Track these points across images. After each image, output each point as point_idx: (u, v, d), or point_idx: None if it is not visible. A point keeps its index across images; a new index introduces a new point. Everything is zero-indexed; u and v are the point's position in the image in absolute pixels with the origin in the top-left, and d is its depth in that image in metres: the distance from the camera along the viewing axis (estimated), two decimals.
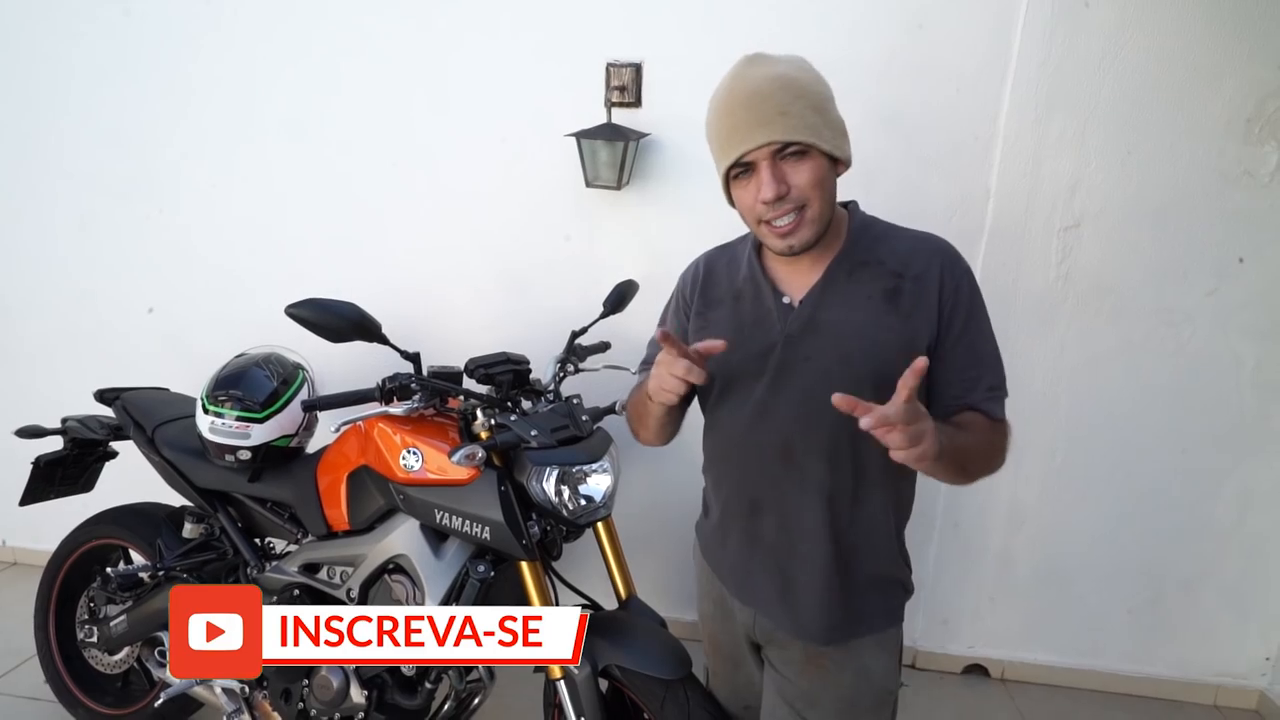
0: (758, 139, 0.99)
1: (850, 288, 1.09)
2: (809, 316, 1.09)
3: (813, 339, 1.08)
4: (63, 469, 1.96)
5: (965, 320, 1.08)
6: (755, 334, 1.13)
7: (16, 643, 2.27)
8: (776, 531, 1.16)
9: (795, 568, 1.15)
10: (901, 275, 1.08)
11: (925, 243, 1.12)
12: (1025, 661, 2.35)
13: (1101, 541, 2.22)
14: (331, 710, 1.60)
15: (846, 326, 1.07)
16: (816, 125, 1.01)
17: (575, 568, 1.60)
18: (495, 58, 2.14)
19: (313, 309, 1.33)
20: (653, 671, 1.36)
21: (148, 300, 2.52)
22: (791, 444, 1.11)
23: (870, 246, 1.11)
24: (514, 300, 2.32)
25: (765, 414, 1.12)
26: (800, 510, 1.13)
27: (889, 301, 1.07)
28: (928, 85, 1.99)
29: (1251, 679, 2.27)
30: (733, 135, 1.02)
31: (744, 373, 1.13)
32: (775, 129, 0.98)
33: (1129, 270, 2.03)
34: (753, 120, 0.99)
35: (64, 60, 2.37)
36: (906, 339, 1.06)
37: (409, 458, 1.47)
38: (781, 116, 0.98)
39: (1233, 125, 1.91)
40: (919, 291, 1.07)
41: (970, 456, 1.05)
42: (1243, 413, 2.08)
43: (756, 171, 1.02)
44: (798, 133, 0.99)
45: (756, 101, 0.99)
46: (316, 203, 2.34)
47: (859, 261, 1.10)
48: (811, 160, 1.01)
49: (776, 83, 1.00)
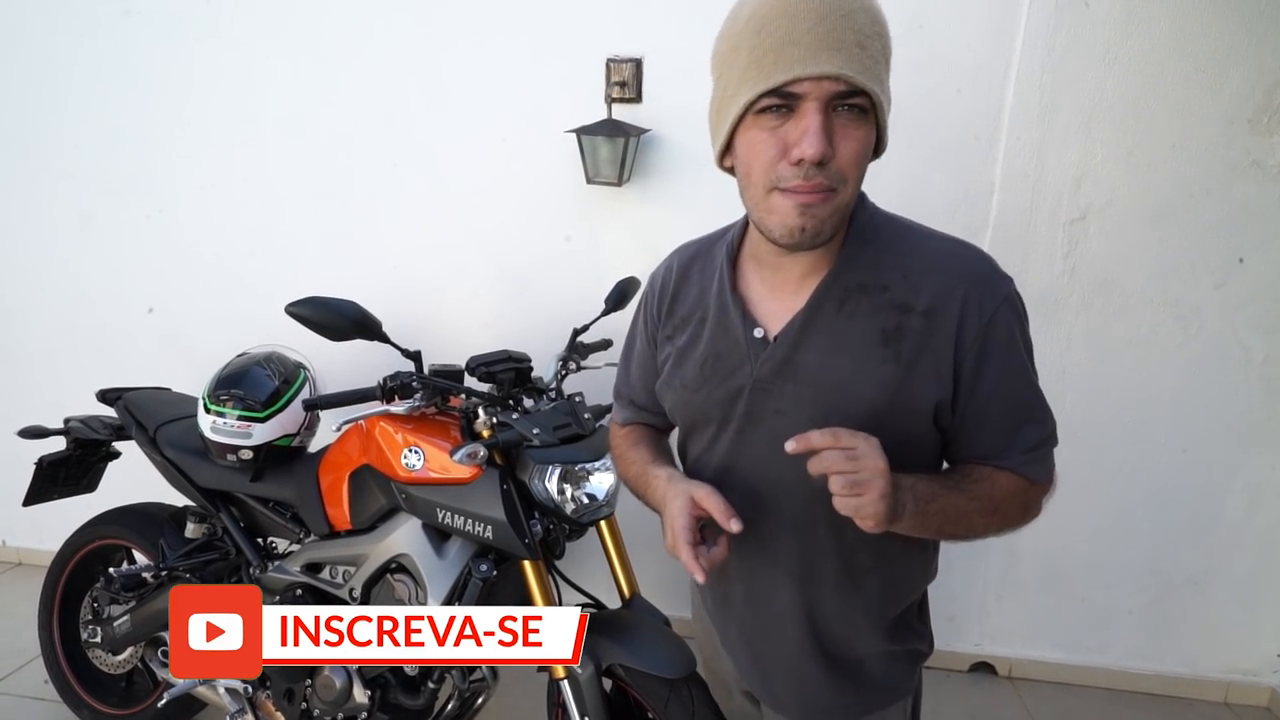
0: (825, 65, 0.70)
1: (840, 323, 0.84)
2: (784, 358, 0.85)
3: (786, 387, 0.85)
4: (66, 469, 1.97)
5: (997, 372, 0.82)
6: (719, 371, 0.90)
7: (21, 643, 2.27)
8: (743, 603, 0.98)
9: (766, 645, 0.98)
10: (909, 308, 0.81)
11: (951, 260, 0.84)
12: (1033, 659, 2.34)
13: (1109, 537, 2.20)
14: (334, 710, 1.60)
15: (829, 375, 0.83)
16: (885, 82, 0.76)
17: (578, 567, 1.60)
18: (495, 54, 2.13)
19: (313, 307, 1.33)
20: (656, 671, 1.35)
21: (148, 300, 2.52)
22: (758, 512, 0.88)
23: (874, 262, 0.84)
24: (515, 298, 2.31)
25: (730, 472, 0.91)
26: (769, 589, 0.94)
27: (887, 345, 0.81)
28: (930, 79, 1.97)
29: (1263, 675, 2.25)
30: (788, 48, 0.70)
31: (707, 418, 0.93)
32: (851, 62, 0.70)
33: (1135, 263, 2.01)
34: (823, 38, 0.70)
35: (64, 60, 2.37)
36: (905, 398, 0.82)
37: (411, 457, 1.46)
38: (860, 49, 0.71)
39: (1240, 116, 1.88)
40: (929, 331, 0.81)
41: (962, 522, 0.82)
42: (1251, 406, 2.06)
43: (799, 115, 0.73)
44: (872, 79, 0.72)
45: (834, 13, 0.70)
46: (316, 201, 2.34)
47: (856, 285, 0.84)
48: (866, 128, 0.76)
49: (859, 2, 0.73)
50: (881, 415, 0.81)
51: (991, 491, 0.85)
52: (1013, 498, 0.86)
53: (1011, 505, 0.86)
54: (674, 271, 1.01)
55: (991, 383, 0.83)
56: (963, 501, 0.82)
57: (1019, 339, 0.84)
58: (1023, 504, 0.88)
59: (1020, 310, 0.85)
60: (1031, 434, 0.87)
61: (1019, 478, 0.87)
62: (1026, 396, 0.87)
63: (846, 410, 0.81)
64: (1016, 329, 0.84)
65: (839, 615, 0.93)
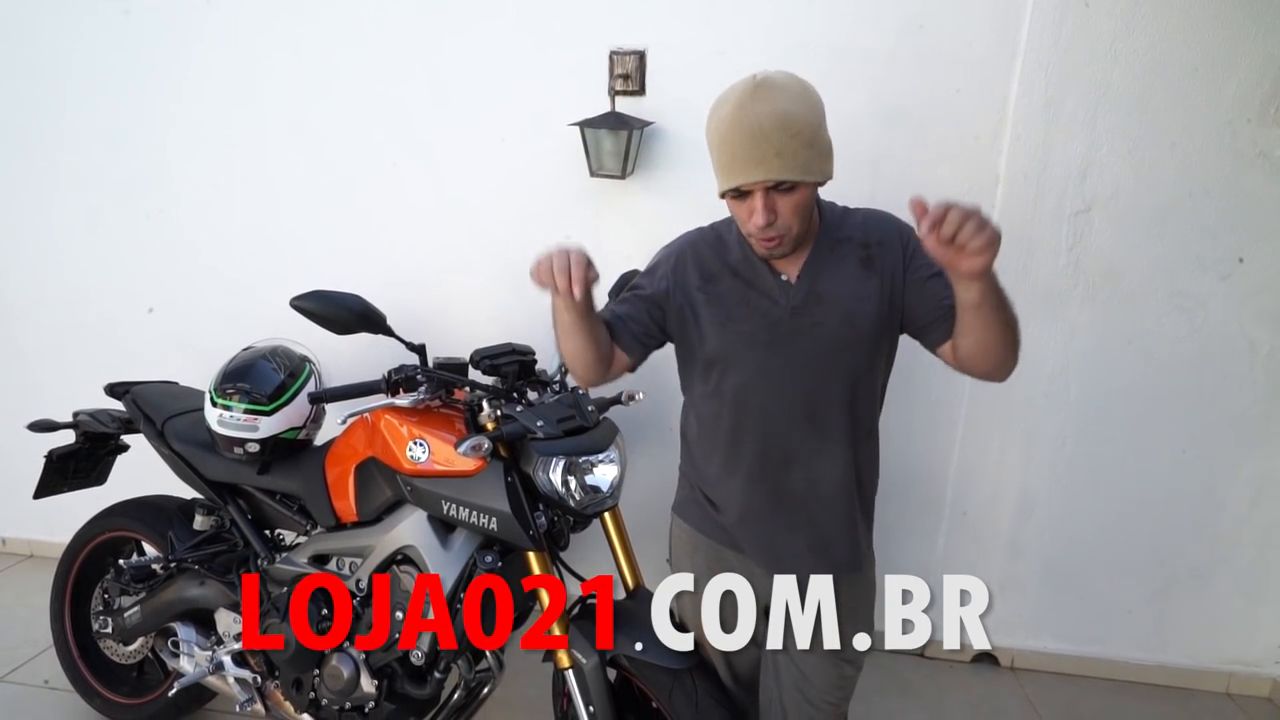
0: (754, 176, 1.10)
1: (834, 262, 1.24)
2: (808, 289, 1.23)
3: (816, 307, 1.22)
4: (75, 462, 1.98)
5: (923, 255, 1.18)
6: (761, 306, 1.24)
7: (34, 633, 2.30)
8: (805, 483, 1.28)
9: (828, 514, 1.28)
10: (869, 244, 1.24)
11: (875, 215, 1.30)
12: (1035, 650, 2.35)
13: (1112, 529, 2.21)
14: (342, 699, 1.62)
15: (841, 293, 1.22)
16: (807, 162, 1.11)
17: (583, 558, 1.61)
18: (498, 47, 2.13)
19: (317, 301, 1.34)
20: (660, 661, 1.36)
21: (150, 298, 2.54)
22: (814, 401, 1.25)
23: (839, 226, 1.26)
24: (519, 291, 2.30)
25: (787, 378, 1.25)
26: (829, 457, 1.27)
27: (866, 267, 1.23)
28: (935, 71, 1.96)
29: (1265, 667, 2.25)
30: (732, 165, 1.12)
31: (755, 343, 1.25)
32: (771, 168, 1.09)
33: (1140, 255, 2.01)
34: (751, 157, 1.09)
35: (64, 60, 2.38)
36: (887, 293, 1.23)
37: (416, 449, 1.47)
38: (778, 157, 1.09)
39: (1247, 106, 1.87)
40: (885, 254, 1.24)
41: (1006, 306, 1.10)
42: (1255, 398, 2.05)
43: (751, 198, 1.13)
44: (790, 172, 1.10)
45: (757, 140, 1.08)
46: (318, 196, 2.35)
47: (835, 240, 1.25)
48: (799, 193, 1.13)
49: (775, 120, 1.08)
50: (881, 312, 1.22)
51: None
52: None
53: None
54: (690, 246, 1.33)
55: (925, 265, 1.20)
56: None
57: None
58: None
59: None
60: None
61: None
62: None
63: (861, 311, 1.21)
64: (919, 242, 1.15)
65: (868, 461, 1.31)
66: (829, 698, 1.32)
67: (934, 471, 2.25)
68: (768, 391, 1.25)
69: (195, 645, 1.85)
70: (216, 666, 1.80)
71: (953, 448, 2.22)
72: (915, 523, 2.27)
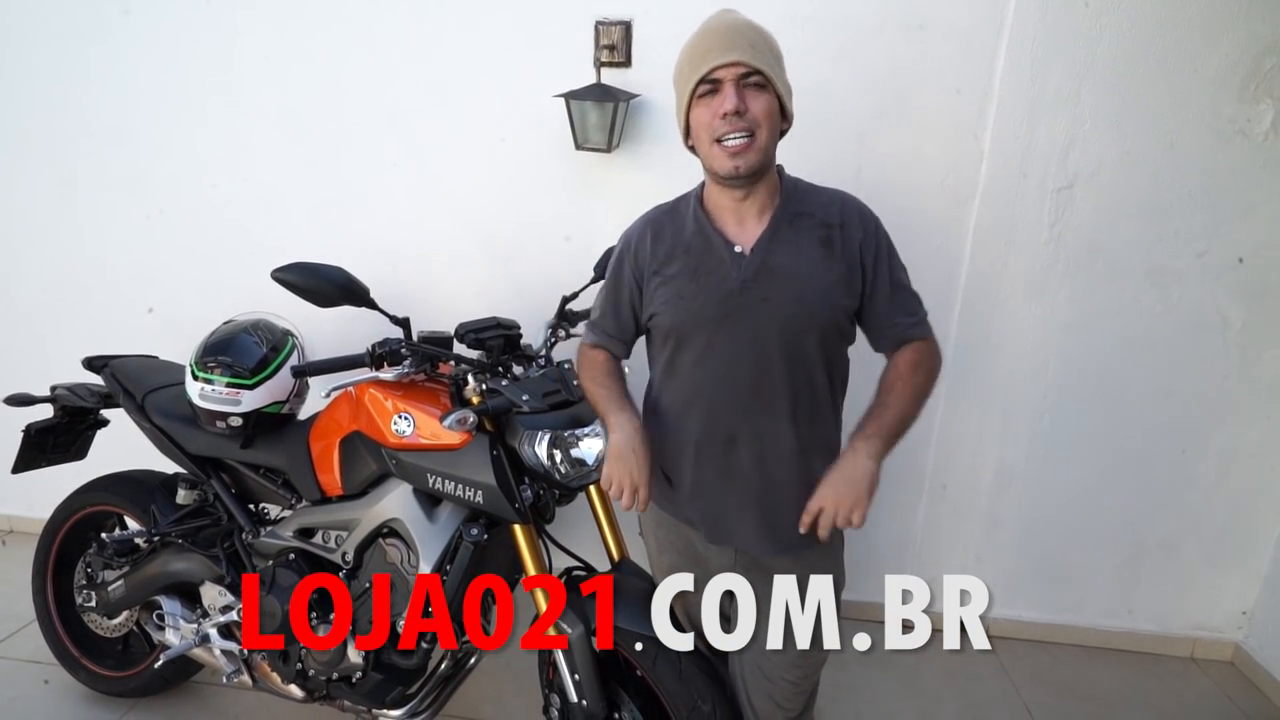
0: (729, 57, 1.13)
1: (793, 236, 1.22)
2: (761, 262, 1.21)
3: (768, 282, 1.20)
4: (54, 437, 1.96)
5: (886, 261, 1.25)
6: (711, 281, 1.22)
7: (16, 608, 2.29)
8: (751, 462, 1.26)
9: (776, 494, 1.26)
10: (831, 225, 1.23)
11: (840, 197, 1.28)
12: (1010, 619, 2.41)
13: (1086, 500, 2.26)
14: (329, 670, 1.63)
15: (796, 269, 1.21)
16: (776, 69, 1.17)
17: (568, 530, 1.62)
18: (481, 19, 2.09)
19: (299, 273, 1.32)
20: (645, 630, 1.38)
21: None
22: (760, 379, 1.22)
23: (801, 200, 1.25)
24: (504, 265, 2.30)
25: (732, 355, 1.22)
26: (774, 438, 1.25)
27: (825, 246, 1.22)
28: (922, 45, 1.95)
29: (1228, 632, 2.34)
30: (707, 54, 1.14)
31: (704, 319, 1.23)
32: (746, 54, 1.13)
33: (1120, 231, 2.03)
34: (726, 44, 1.14)
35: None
36: (844, 278, 1.22)
37: (401, 423, 1.47)
38: (751, 48, 1.14)
39: (1228, 83, 1.89)
40: (845, 239, 1.23)
41: (907, 416, 1.22)
42: (1227, 373, 2.10)
43: (720, 90, 1.14)
44: (763, 63, 1.14)
45: (731, 32, 1.15)
46: (305, 169, 2.31)
47: (796, 213, 1.24)
48: (767, 96, 1.16)
49: (747, 23, 1.17)
50: (833, 295, 1.21)
51: (908, 376, 1.24)
52: (922, 368, 1.25)
53: (927, 377, 1.25)
54: (649, 228, 1.32)
55: (885, 267, 1.24)
56: (904, 411, 1.22)
57: (892, 246, 1.27)
58: (930, 367, 1.26)
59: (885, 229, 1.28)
60: (912, 304, 1.28)
61: (915, 344, 1.26)
62: (902, 279, 1.28)
63: (814, 290, 1.20)
64: (887, 239, 1.27)
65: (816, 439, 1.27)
66: (787, 675, 1.33)
67: (915, 445, 2.28)
68: (715, 368, 1.23)
69: (180, 618, 1.86)
70: (203, 639, 1.81)
71: (934, 421, 2.25)
72: (896, 495, 2.31)
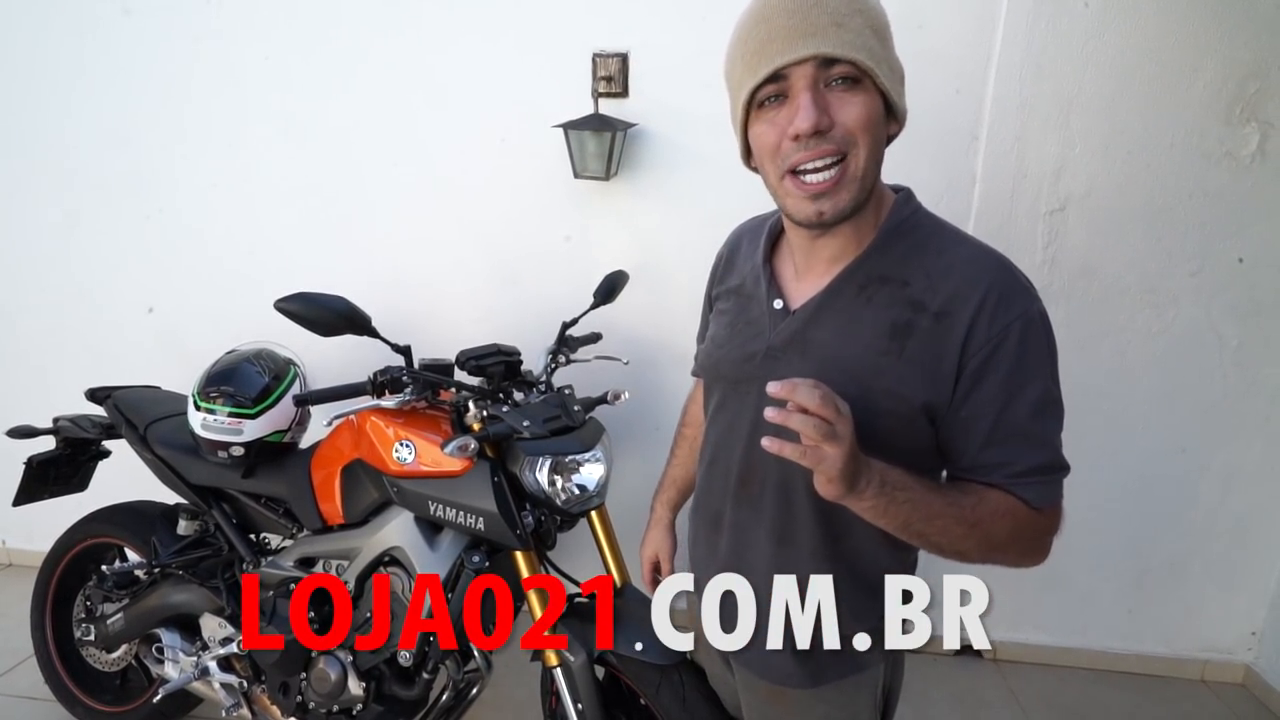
0: (801, 50, 0.75)
1: (855, 308, 0.86)
2: (797, 331, 0.90)
3: (794, 358, 0.89)
4: (56, 468, 1.96)
5: (995, 387, 0.81)
6: (744, 335, 0.97)
7: (14, 643, 2.27)
8: (728, 555, 1.01)
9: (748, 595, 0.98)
10: (922, 307, 0.83)
11: (973, 268, 0.84)
12: (1017, 642, 2.39)
13: (1089, 522, 2.24)
14: (330, 702, 1.61)
15: (834, 353, 0.87)
16: (876, 51, 0.78)
17: (570, 557, 1.62)
18: (482, 50, 2.13)
19: (302, 303, 1.34)
20: (648, 657, 1.37)
21: (144, 299, 2.51)
22: (751, 468, 0.96)
23: (902, 257, 0.87)
24: (504, 292, 2.32)
25: (736, 428, 0.98)
26: (750, 544, 0.98)
27: (894, 338, 0.83)
28: (913, 72, 1.98)
29: (1237, 653, 2.31)
30: (768, 45, 0.77)
31: (720, 374, 1.01)
32: (827, 40, 0.75)
33: (1114, 253, 2.05)
34: (797, 28, 0.75)
35: (64, 59, 2.36)
36: (899, 392, 0.83)
37: (402, 450, 1.47)
38: (836, 28, 0.75)
39: (1213, 107, 1.92)
40: (937, 334, 0.81)
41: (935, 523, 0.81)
42: (1225, 392, 2.11)
43: (791, 98, 0.78)
44: (855, 50, 0.76)
45: (805, 5, 0.76)
46: (310, 198, 2.34)
47: (879, 275, 0.86)
48: (865, 94, 0.79)
49: None
50: (874, 402, 0.82)
51: (976, 505, 0.83)
52: (1001, 518, 0.84)
53: (999, 526, 0.84)
54: (731, 245, 1.10)
55: (987, 396, 0.81)
56: (938, 503, 0.81)
57: (1029, 360, 0.81)
58: (1014, 527, 0.85)
59: (1040, 331, 0.83)
60: (1026, 457, 0.84)
61: (1011, 498, 0.85)
62: (1023, 420, 0.82)
63: (842, 390, 0.77)
64: (1030, 349, 0.81)
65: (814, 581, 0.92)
66: None
67: None
68: (719, 433, 1.02)
69: (180, 651, 1.84)
70: (202, 672, 1.79)
71: None
72: None
